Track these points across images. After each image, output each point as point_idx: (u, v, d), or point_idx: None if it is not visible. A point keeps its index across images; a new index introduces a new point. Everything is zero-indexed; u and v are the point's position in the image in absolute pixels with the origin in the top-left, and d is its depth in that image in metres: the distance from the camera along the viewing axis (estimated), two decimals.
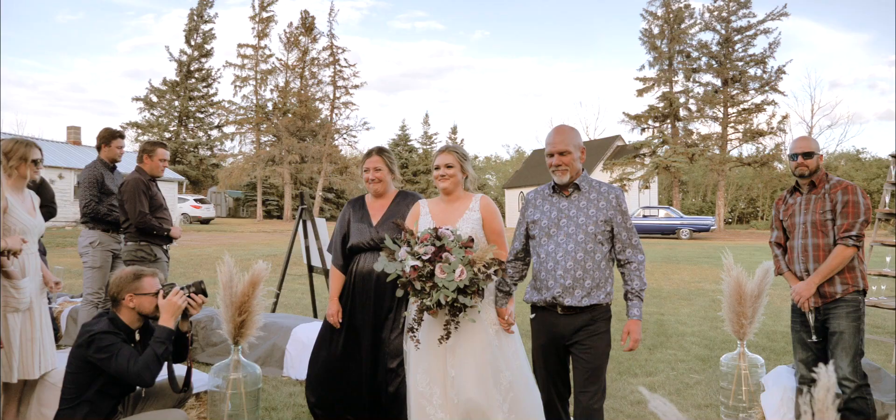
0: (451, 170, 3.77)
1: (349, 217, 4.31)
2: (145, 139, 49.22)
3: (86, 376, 3.44)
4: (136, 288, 3.58)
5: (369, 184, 4.25)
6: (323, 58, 49.51)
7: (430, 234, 3.45)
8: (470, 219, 3.71)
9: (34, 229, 4.08)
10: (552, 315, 3.35)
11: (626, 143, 44.23)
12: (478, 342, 3.56)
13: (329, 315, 4.20)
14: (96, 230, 5.75)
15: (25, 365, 3.99)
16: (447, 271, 3.33)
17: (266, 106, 49.52)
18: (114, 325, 3.52)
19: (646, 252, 11.53)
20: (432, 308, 3.41)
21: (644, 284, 3.35)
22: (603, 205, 3.31)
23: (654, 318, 8.99)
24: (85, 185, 5.78)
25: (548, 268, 3.32)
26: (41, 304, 4.15)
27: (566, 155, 3.32)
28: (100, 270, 5.70)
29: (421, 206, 3.90)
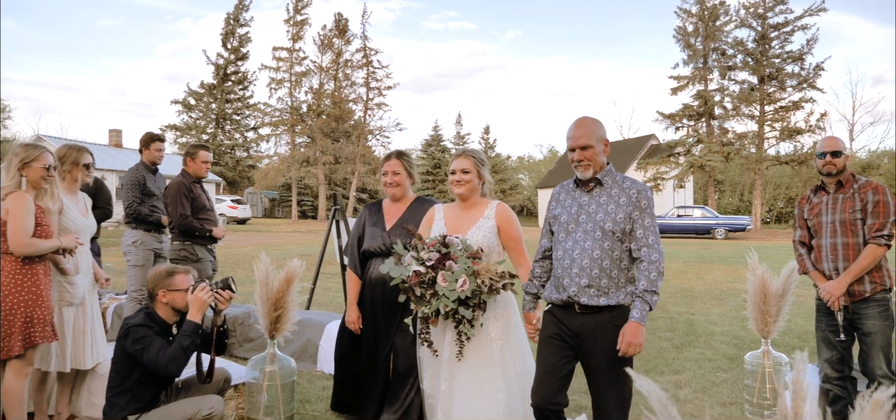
0: (468, 175, 3.66)
1: (365, 220, 4.22)
2: (184, 141, 50.39)
3: (126, 366, 3.69)
4: (168, 284, 3.82)
5: (387, 187, 4.16)
6: (356, 59, 50.01)
7: (437, 240, 3.36)
8: (484, 227, 3.59)
9: (86, 229, 4.34)
10: (569, 313, 3.17)
11: (660, 142, 43.79)
12: (479, 356, 3.45)
13: (349, 322, 4.12)
14: (138, 230, 6.02)
15: (78, 356, 4.27)
16: (449, 280, 3.24)
17: (300, 108, 50.18)
18: (150, 319, 3.77)
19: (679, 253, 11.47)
20: (431, 317, 3.31)
21: (653, 286, 3.03)
22: (624, 201, 3.12)
23: (685, 317, 9.00)
24: (127, 186, 6.06)
25: (564, 265, 3.17)
26: (92, 300, 4.42)
27: (589, 149, 3.16)
28: (142, 269, 5.97)
29: (436, 212, 3.81)
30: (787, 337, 7.56)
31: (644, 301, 3.00)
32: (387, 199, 4.24)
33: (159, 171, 6.36)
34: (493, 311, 3.50)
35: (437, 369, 3.57)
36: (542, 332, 3.29)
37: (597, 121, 3.26)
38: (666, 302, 10.51)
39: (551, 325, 3.25)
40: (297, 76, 50.14)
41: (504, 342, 3.51)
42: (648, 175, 40.32)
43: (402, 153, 4.23)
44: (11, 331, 3.72)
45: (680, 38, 40.51)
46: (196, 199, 5.85)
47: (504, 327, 3.54)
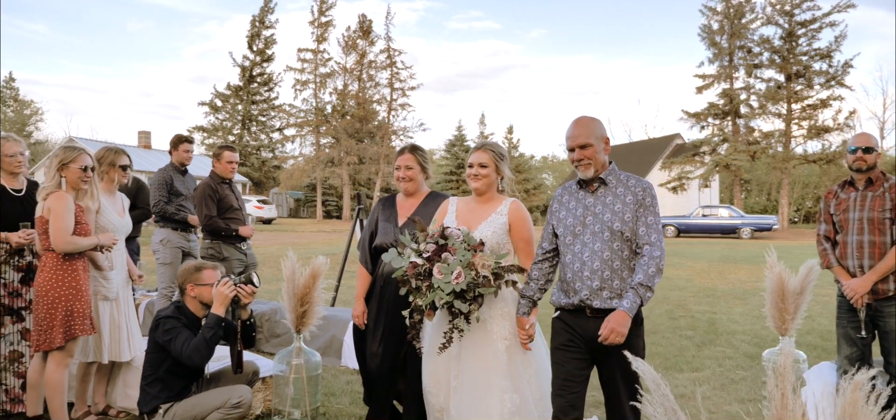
0: (486, 170, 3.55)
1: (378, 215, 4.15)
2: (211, 142, 51.12)
3: (158, 357, 3.90)
4: (196, 279, 4.04)
5: (400, 182, 4.09)
6: (380, 60, 50.30)
7: (437, 232, 3.29)
8: (495, 223, 3.49)
9: (122, 228, 4.54)
10: (580, 317, 3.10)
11: (685, 142, 43.46)
12: (483, 356, 3.36)
13: (355, 316, 4.09)
14: (166, 229, 6.24)
15: (114, 348, 4.47)
16: (444, 272, 3.15)
17: (325, 109, 50.60)
18: (179, 311, 3.98)
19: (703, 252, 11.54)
20: (426, 309, 3.24)
21: (649, 280, 2.95)
22: (629, 200, 3.06)
23: (707, 316, 9.02)
24: (155, 186, 6.27)
25: (574, 269, 3.09)
26: (126, 295, 4.62)
27: (588, 148, 3.10)
28: (170, 266, 6.17)
29: (449, 205, 3.72)
30: (811, 336, 7.57)
31: (637, 294, 2.93)
32: (400, 194, 4.17)
33: (189, 172, 6.56)
34: (501, 310, 3.40)
35: (445, 365, 3.47)
36: (554, 341, 3.22)
37: (595, 119, 3.20)
38: (688, 301, 10.53)
39: (563, 332, 3.17)
40: (322, 77, 50.57)
41: (512, 342, 3.39)
42: (673, 174, 40.05)
43: (415, 147, 4.16)
44: (53, 324, 3.93)
45: (705, 37, 40.16)
46: (223, 200, 6.03)
47: (513, 327, 3.41)
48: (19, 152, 4.58)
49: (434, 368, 3.52)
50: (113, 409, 4.63)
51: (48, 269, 3.98)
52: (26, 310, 4.49)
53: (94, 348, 4.39)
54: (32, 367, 4.08)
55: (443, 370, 3.49)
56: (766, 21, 38.46)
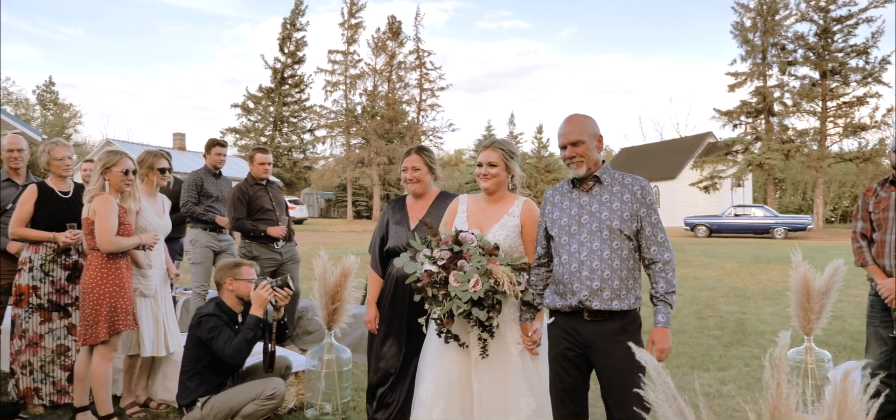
0: (495, 169, 3.45)
1: (388, 218, 4.08)
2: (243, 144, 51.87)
3: (198, 352, 4.08)
4: (234, 274, 4.24)
5: (407, 183, 4.04)
6: (409, 61, 50.63)
7: (451, 237, 3.20)
8: (507, 225, 3.40)
9: (161, 229, 4.74)
10: (577, 322, 3.02)
11: (717, 140, 42.96)
12: (499, 362, 3.31)
13: (367, 321, 4.02)
14: (196, 229, 6.45)
15: (153, 343, 4.67)
16: (461, 281, 3.07)
17: (355, 110, 51.03)
18: (219, 309, 4.16)
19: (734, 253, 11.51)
20: (444, 318, 3.16)
21: (672, 287, 2.95)
22: (627, 198, 3.00)
23: (735, 316, 8.99)
24: (185, 187, 6.49)
25: (571, 270, 2.99)
26: (164, 293, 4.82)
27: (580, 145, 3.03)
28: (200, 266, 6.38)
29: (459, 203, 3.63)
30: (841, 336, 7.52)
31: (667, 303, 2.93)
32: (410, 197, 4.10)
33: (224, 175, 6.76)
34: (512, 315, 3.34)
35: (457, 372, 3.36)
36: (552, 350, 3.16)
37: (588, 117, 3.13)
38: (717, 301, 10.48)
39: (560, 340, 3.10)
40: (352, 79, 51.02)
41: (523, 347, 3.35)
42: (705, 173, 39.61)
43: (422, 148, 4.11)
44: (98, 319, 4.14)
45: (737, 34, 39.63)
46: (253, 201, 6.21)
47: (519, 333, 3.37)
48: (67, 156, 4.83)
49: (436, 377, 3.38)
50: (154, 401, 4.84)
51: (93, 268, 4.19)
52: (72, 306, 4.73)
53: (135, 343, 4.60)
54: (79, 360, 4.30)
55: (444, 380, 3.35)
56: (800, 18, 37.81)
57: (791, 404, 1.38)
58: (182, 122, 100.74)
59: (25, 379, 4.62)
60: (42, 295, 4.66)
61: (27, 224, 4.66)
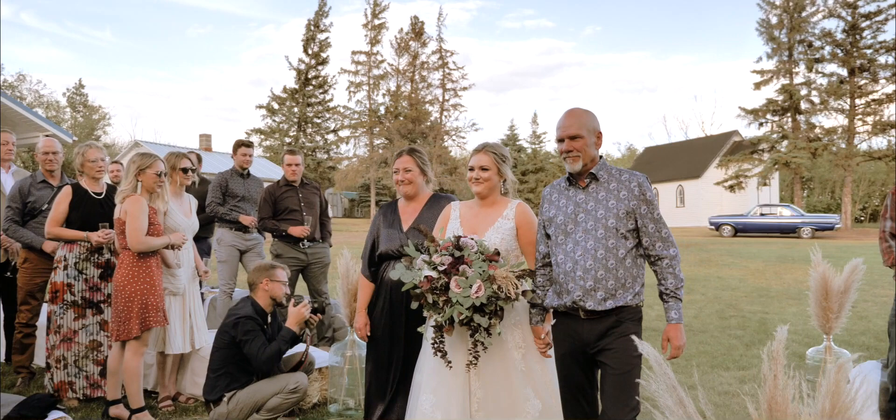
0: (487, 173, 3.43)
1: (379, 222, 4.02)
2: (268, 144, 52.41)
3: (229, 351, 4.21)
4: (270, 276, 4.38)
5: (399, 185, 3.98)
6: (432, 61, 50.79)
7: (451, 242, 3.13)
8: (502, 228, 3.37)
9: (188, 228, 4.89)
10: (574, 321, 2.99)
11: (743, 139, 42.50)
12: (503, 366, 3.26)
13: (357, 328, 3.97)
14: (223, 229, 6.61)
15: (180, 339, 4.83)
16: (463, 286, 3.00)
17: (378, 110, 51.32)
18: (254, 310, 4.29)
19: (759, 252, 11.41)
20: (445, 326, 3.08)
21: (680, 281, 2.93)
22: (624, 195, 2.92)
23: (758, 316, 8.98)
24: (211, 188, 6.66)
25: (566, 269, 2.96)
26: (193, 290, 4.97)
27: (577, 140, 2.96)
28: (226, 264, 6.54)
29: (452, 210, 3.59)
30: (865, 336, 7.49)
31: (677, 298, 2.91)
32: (402, 200, 4.06)
33: (253, 175, 6.89)
34: (512, 319, 3.29)
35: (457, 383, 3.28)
36: (557, 351, 3.13)
37: (589, 112, 3.05)
38: (740, 301, 10.45)
39: (563, 340, 3.08)
40: (375, 79, 51.31)
41: (525, 349, 3.31)
42: (730, 172, 39.21)
43: (414, 149, 4.07)
44: (130, 315, 4.30)
45: (763, 31, 39.16)
46: (279, 201, 6.37)
47: (524, 334, 3.33)
48: (100, 158, 5.00)
49: (436, 387, 3.30)
50: (182, 395, 5.00)
51: (125, 266, 4.35)
52: (105, 303, 4.90)
53: (162, 340, 4.76)
54: (112, 355, 4.46)
55: (444, 391, 3.28)
56: (827, 14, 37.27)
57: (787, 395, 1.45)
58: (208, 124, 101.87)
59: (60, 373, 4.80)
60: (76, 292, 4.83)
61: (62, 224, 4.84)
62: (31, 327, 5.34)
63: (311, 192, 6.56)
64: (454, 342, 3.24)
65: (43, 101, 53.97)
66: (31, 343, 5.36)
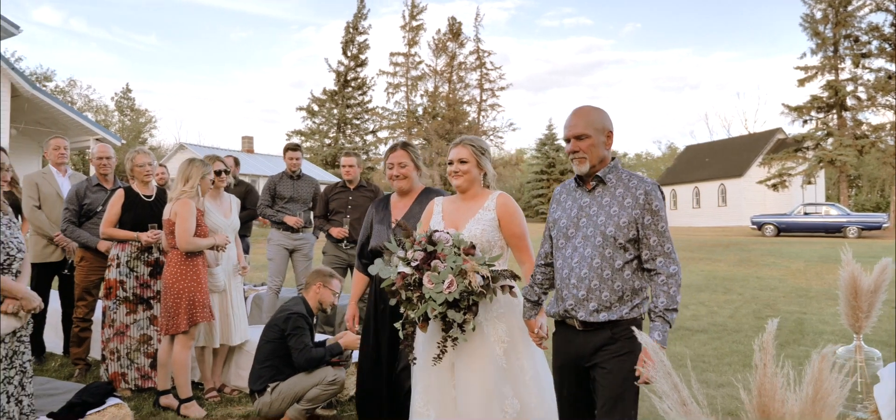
0: (466, 166, 3.39)
1: (372, 218, 4.05)
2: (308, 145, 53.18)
3: (277, 344, 4.47)
4: (325, 282, 4.69)
5: (393, 180, 3.97)
6: (470, 62, 51.07)
7: (425, 237, 3.08)
8: (483, 219, 3.31)
9: (227, 228, 5.15)
10: (570, 331, 2.85)
11: (786, 136, 41.68)
12: (481, 361, 3.16)
13: (347, 319, 4.04)
14: (272, 228, 6.90)
15: (225, 334, 5.10)
16: (435, 282, 2.95)
17: (416, 111, 51.78)
18: (306, 308, 4.57)
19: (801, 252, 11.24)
20: (419, 322, 3.04)
21: (674, 303, 2.67)
22: (628, 202, 2.73)
23: (795, 316, 8.92)
24: (263, 189, 6.98)
25: (563, 276, 2.83)
26: (235, 286, 5.23)
27: (584, 139, 2.79)
28: (273, 262, 6.81)
29: (435, 205, 3.54)
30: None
31: (665, 321, 2.65)
32: (394, 194, 4.07)
33: (306, 176, 7.14)
34: (495, 311, 3.21)
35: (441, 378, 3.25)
36: (554, 361, 3.01)
37: (598, 109, 2.89)
38: (778, 301, 10.38)
39: (559, 353, 2.95)
40: (413, 80, 51.77)
41: (509, 345, 3.20)
42: (773, 171, 38.50)
43: (407, 144, 4.07)
44: (178, 311, 4.57)
45: (808, 26, 38.34)
46: (331, 201, 6.64)
47: (509, 328, 3.23)
48: (148, 163, 5.30)
49: (427, 385, 3.29)
50: (227, 387, 5.26)
51: (174, 265, 4.63)
52: (154, 299, 5.19)
53: (206, 334, 5.03)
54: (162, 348, 4.75)
55: (435, 386, 3.26)
56: (874, 8, 36.30)
57: (776, 383, 1.57)
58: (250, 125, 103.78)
59: (114, 364, 5.10)
60: (128, 289, 5.14)
61: (115, 225, 5.15)
62: (88, 322, 5.67)
63: (364, 195, 6.55)
64: (430, 340, 3.19)
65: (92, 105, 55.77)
66: (87, 336, 5.69)
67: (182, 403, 4.62)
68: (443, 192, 3.92)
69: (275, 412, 4.36)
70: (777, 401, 1.56)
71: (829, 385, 1.54)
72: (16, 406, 3.33)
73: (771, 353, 1.65)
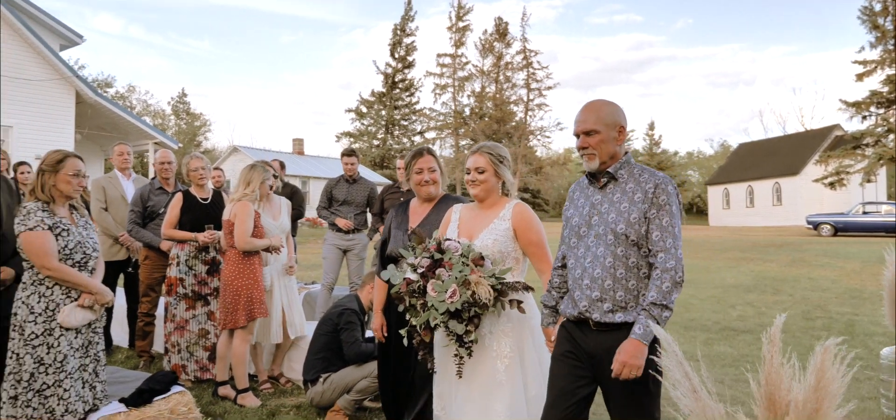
0: (483, 175, 3.32)
1: (391, 222, 4.01)
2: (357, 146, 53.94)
3: (329, 338, 4.73)
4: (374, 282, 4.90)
5: (424, 186, 3.88)
6: (516, 61, 51.09)
7: (434, 244, 3.06)
8: (497, 229, 3.24)
9: (275, 230, 5.42)
10: (584, 329, 2.74)
11: (845, 133, 40.44)
12: (481, 377, 3.11)
13: (374, 330, 3.95)
14: (328, 229, 7.22)
15: (281, 329, 5.37)
16: (438, 290, 2.90)
17: (463, 111, 52.02)
18: (358, 305, 4.81)
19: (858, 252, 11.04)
20: (422, 329, 3.01)
21: (664, 298, 2.53)
22: (638, 197, 2.65)
23: (846, 317, 8.79)
24: (321, 191, 7.34)
25: (576, 276, 2.75)
26: (282, 285, 5.46)
27: (593, 135, 2.71)
28: (327, 261, 7.13)
29: (453, 213, 3.50)
30: None
31: (650, 315, 2.52)
32: (415, 200, 4.02)
33: (363, 180, 7.43)
34: (501, 326, 3.12)
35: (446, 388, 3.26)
36: (555, 350, 2.88)
37: (609, 103, 2.80)
38: (829, 302, 10.21)
39: (564, 342, 2.83)
40: (460, 81, 52.03)
41: (512, 361, 3.10)
42: (830, 169, 37.41)
43: (431, 149, 4.01)
44: (237, 307, 4.86)
45: (866, 19, 37.10)
46: (385, 202, 6.94)
47: (516, 344, 3.14)
48: (201, 167, 5.63)
49: (442, 391, 3.31)
50: (283, 378, 5.55)
51: (232, 263, 4.92)
52: (211, 295, 5.51)
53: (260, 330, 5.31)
54: (221, 342, 5.05)
55: (447, 393, 3.27)
56: None
57: (782, 374, 1.70)
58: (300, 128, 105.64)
59: (175, 357, 5.43)
60: (187, 286, 5.46)
61: (174, 226, 5.48)
62: (151, 317, 6.05)
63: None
64: (447, 348, 3.17)
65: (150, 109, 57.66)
66: (151, 330, 6.07)
67: (239, 394, 4.91)
68: (462, 198, 3.87)
69: (326, 401, 4.60)
70: (783, 390, 1.67)
71: (830, 375, 1.65)
72: (90, 391, 3.65)
73: (778, 345, 1.77)
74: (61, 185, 3.57)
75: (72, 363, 3.51)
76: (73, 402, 3.49)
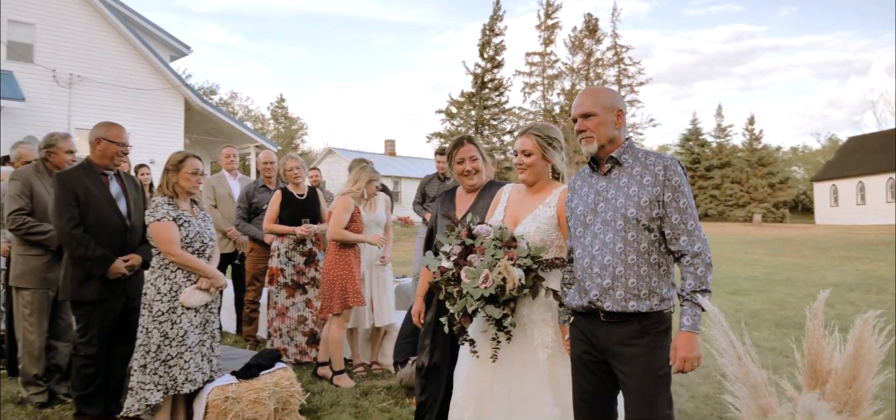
0: (530, 158, 3.18)
1: (437, 212, 3.99)
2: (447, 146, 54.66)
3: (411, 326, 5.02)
4: None
5: (466, 176, 3.81)
6: (607, 58, 50.33)
7: (466, 230, 3.01)
8: (541, 216, 3.11)
9: (372, 223, 5.78)
10: (593, 322, 2.69)
11: None
12: (523, 365, 3.04)
13: (413, 314, 3.92)
14: (420, 224, 7.61)
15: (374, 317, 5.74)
16: (472, 276, 2.86)
17: (553, 110, 51.71)
18: None
19: None
20: (460, 316, 2.95)
21: (702, 283, 2.51)
22: (647, 180, 2.60)
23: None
24: (416, 189, 7.73)
25: (584, 265, 2.69)
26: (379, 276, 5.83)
27: (591, 117, 2.70)
28: (418, 253, 7.49)
29: (502, 194, 3.39)
30: None
31: (694, 304, 2.50)
32: (460, 188, 3.95)
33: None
34: (542, 315, 3.07)
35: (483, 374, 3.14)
36: (571, 352, 2.85)
37: (607, 89, 2.85)
38: None
39: (578, 342, 2.78)
40: (550, 79, 51.78)
41: (554, 350, 3.03)
42: None
43: (472, 137, 3.96)
44: (332, 295, 5.27)
45: None
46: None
47: (555, 334, 3.06)
48: (296, 166, 6.10)
49: (468, 375, 3.20)
50: (376, 364, 5.93)
51: (331, 254, 5.35)
52: (309, 285, 5.95)
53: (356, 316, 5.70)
54: (325, 327, 5.51)
55: (475, 382, 3.16)
56: None
57: (823, 345, 1.84)
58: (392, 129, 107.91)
59: (277, 341, 5.91)
60: (286, 275, 5.92)
61: (275, 221, 5.96)
62: (256, 304, 6.60)
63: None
64: (476, 335, 3.12)
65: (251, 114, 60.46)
66: (256, 317, 6.62)
67: (335, 375, 5.31)
68: (504, 182, 3.73)
69: (413, 383, 4.92)
70: (825, 359, 1.82)
71: (869, 344, 1.78)
72: (207, 364, 4.13)
73: (820, 319, 1.91)
74: (183, 182, 4.06)
75: (192, 338, 3.99)
76: (193, 372, 3.97)
